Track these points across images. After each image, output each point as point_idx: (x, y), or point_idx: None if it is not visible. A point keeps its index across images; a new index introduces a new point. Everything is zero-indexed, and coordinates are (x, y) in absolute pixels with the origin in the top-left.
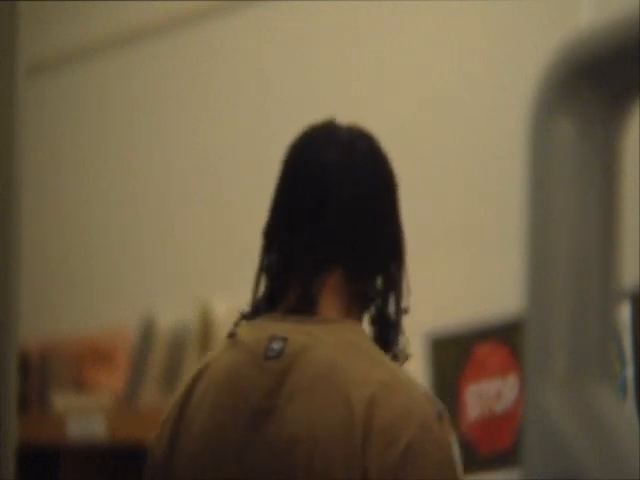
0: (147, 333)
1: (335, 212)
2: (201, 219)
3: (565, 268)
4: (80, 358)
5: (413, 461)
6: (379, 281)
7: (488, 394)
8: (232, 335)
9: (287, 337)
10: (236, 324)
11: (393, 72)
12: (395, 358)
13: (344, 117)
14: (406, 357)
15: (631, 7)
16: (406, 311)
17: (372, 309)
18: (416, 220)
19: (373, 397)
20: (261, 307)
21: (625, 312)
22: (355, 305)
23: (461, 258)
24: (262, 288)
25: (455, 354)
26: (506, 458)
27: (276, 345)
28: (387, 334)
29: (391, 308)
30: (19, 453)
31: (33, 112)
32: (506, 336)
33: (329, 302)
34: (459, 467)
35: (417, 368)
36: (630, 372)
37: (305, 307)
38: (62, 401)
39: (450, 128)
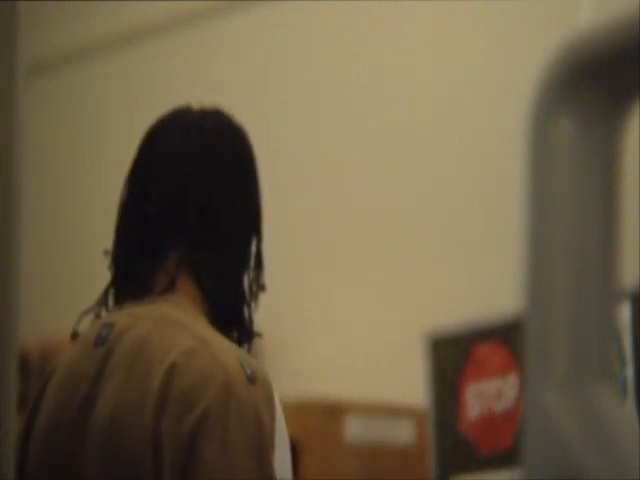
0: None
1: (173, 194)
2: None
3: (565, 268)
4: None
5: (210, 426)
6: (231, 258)
7: (488, 394)
8: (74, 336)
9: (114, 322)
10: (76, 323)
11: (393, 72)
12: (245, 336)
13: (344, 118)
14: (254, 335)
15: (631, 7)
16: (262, 288)
17: (226, 287)
18: (416, 220)
19: (173, 366)
20: (113, 299)
21: (625, 312)
22: (204, 284)
23: (461, 258)
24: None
25: (455, 354)
26: (506, 458)
27: (104, 332)
28: (238, 312)
29: (247, 285)
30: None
31: (33, 112)
32: (506, 336)
33: (178, 284)
34: (274, 431)
35: (417, 368)
36: (630, 372)
37: (142, 292)
38: None
39: (450, 128)
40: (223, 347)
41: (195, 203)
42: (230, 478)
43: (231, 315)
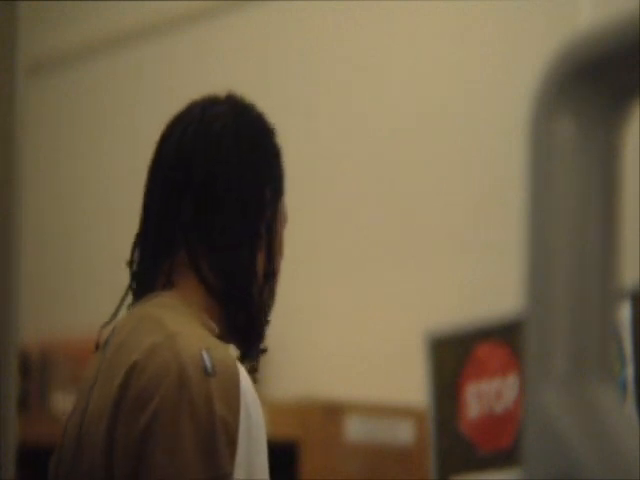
0: None
1: (171, 188)
2: None
3: (565, 268)
4: (80, 358)
5: (160, 426)
6: (230, 250)
7: (488, 394)
8: (96, 347)
9: (115, 326)
10: (97, 334)
11: (393, 73)
12: (251, 327)
13: (345, 119)
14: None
15: (631, 7)
16: (274, 274)
17: (227, 279)
18: (416, 221)
19: (133, 366)
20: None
21: (625, 312)
22: (203, 277)
23: (461, 258)
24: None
25: (455, 354)
26: (506, 458)
27: (109, 335)
28: (241, 303)
29: (248, 287)
30: (19, 453)
31: (33, 112)
32: (506, 336)
33: (176, 279)
34: (237, 426)
35: (417, 368)
36: (630, 372)
37: (148, 291)
38: (62, 401)
39: (450, 129)
40: (190, 339)
41: (190, 196)
42: None
43: (234, 307)
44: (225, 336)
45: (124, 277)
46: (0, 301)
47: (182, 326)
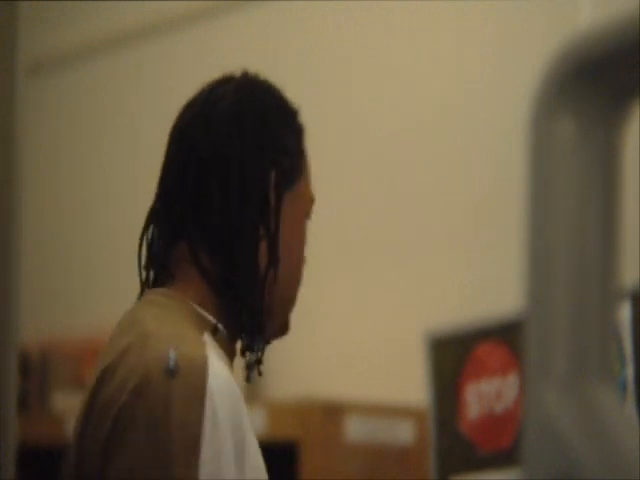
0: None
1: (179, 178)
2: None
3: (565, 268)
4: (80, 358)
5: (118, 434)
6: (227, 241)
7: (488, 394)
8: None
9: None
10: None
11: (393, 74)
12: (252, 323)
13: (344, 118)
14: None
15: (631, 7)
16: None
17: (226, 270)
18: (416, 220)
19: (106, 369)
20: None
21: (625, 312)
22: (204, 271)
23: (461, 258)
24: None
25: (455, 354)
26: (506, 458)
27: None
28: (241, 296)
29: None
30: (19, 453)
31: (33, 112)
32: (506, 336)
33: (177, 273)
34: (201, 429)
35: (417, 368)
36: (630, 372)
37: (151, 286)
38: (62, 401)
39: (449, 128)
40: (161, 339)
41: (191, 178)
42: None
43: (233, 295)
44: (226, 329)
45: (124, 277)
46: (0, 301)
47: (162, 325)
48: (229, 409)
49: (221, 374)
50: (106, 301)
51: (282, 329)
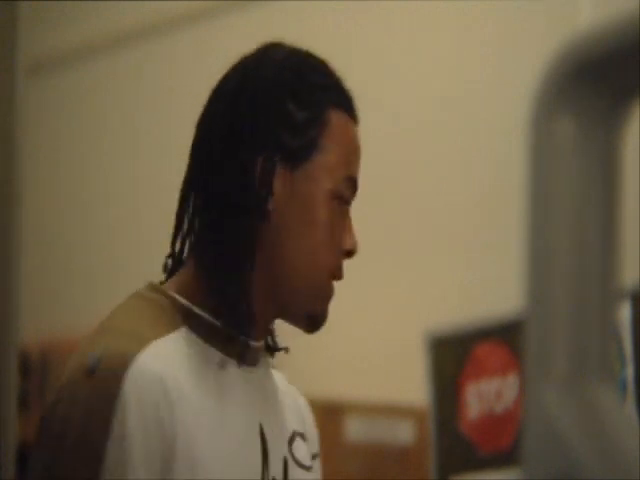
0: None
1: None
2: None
3: (565, 268)
4: None
5: (38, 440)
6: (222, 234)
7: (488, 394)
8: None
9: None
10: None
11: (393, 74)
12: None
13: None
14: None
15: (631, 7)
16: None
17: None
18: (416, 220)
19: (60, 375)
20: None
21: (625, 312)
22: (203, 265)
23: (461, 258)
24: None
25: (455, 354)
26: (506, 458)
27: None
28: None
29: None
30: (19, 453)
31: (33, 112)
32: (506, 336)
33: (183, 267)
34: (108, 433)
35: (417, 368)
36: (630, 372)
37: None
38: None
39: (450, 128)
40: (104, 332)
41: (193, 161)
42: None
43: (217, 279)
44: (218, 318)
45: (124, 277)
46: (0, 301)
47: (121, 321)
48: (149, 415)
49: (149, 374)
50: (106, 301)
51: (308, 322)
